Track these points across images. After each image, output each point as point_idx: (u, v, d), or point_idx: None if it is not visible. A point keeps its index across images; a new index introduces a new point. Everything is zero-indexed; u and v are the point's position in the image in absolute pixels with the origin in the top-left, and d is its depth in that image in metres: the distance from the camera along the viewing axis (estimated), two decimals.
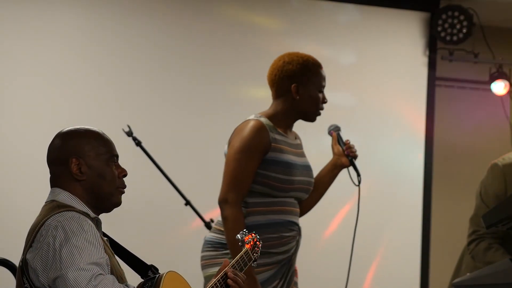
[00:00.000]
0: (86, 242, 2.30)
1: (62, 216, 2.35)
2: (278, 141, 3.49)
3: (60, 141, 2.49)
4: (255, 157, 3.43)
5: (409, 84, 5.90)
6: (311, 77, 3.55)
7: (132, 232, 5.10)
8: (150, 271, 2.53)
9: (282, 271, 3.51)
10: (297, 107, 3.55)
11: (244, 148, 3.43)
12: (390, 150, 5.80)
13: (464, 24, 5.83)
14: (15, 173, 5.08)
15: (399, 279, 5.81)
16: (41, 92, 5.19)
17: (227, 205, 3.39)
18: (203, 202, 4.87)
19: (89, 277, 2.24)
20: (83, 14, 5.30)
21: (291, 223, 3.52)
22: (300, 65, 3.55)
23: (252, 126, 3.47)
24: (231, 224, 3.37)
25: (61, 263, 2.26)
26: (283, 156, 3.48)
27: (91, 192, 2.46)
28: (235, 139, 3.48)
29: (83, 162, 2.45)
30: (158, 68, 5.40)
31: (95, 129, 2.52)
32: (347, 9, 5.79)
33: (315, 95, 3.55)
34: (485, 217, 3.14)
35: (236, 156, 3.42)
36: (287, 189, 3.48)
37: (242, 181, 3.40)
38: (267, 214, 3.47)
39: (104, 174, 2.47)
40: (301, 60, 3.56)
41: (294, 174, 3.49)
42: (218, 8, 5.54)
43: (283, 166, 3.47)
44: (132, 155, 4.46)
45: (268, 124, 3.49)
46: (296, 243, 3.57)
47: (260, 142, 3.44)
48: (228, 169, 3.44)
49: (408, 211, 5.82)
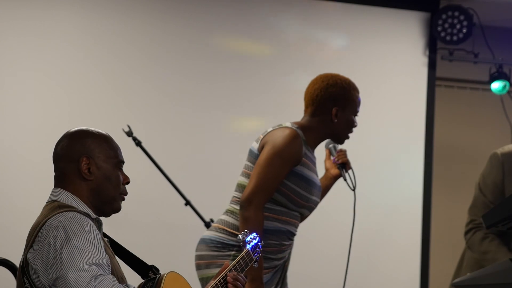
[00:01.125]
0: (86, 243, 2.30)
1: (63, 216, 2.35)
2: (307, 156, 3.55)
3: (72, 140, 2.50)
4: (287, 165, 3.47)
5: (409, 84, 5.90)
6: (351, 102, 3.64)
7: (132, 232, 5.10)
8: (151, 271, 2.54)
9: (278, 275, 3.57)
10: (332, 129, 3.62)
11: (280, 154, 3.46)
12: (390, 150, 5.80)
13: (464, 24, 5.82)
14: (15, 173, 5.08)
15: (399, 279, 5.80)
16: (41, 92, 5.18)
17: (252, 206, 3.41)
18: (203, 202, 4.87)
19: (89, 277, 2.25)
20: (83, 14, 5.30)
21: (292, 233, 3.58)
22: (344, 90, 3.63)
23: (290, 134, 3.51)
24: (253, 225, 3.37)
25: (61, 263, 2.27)
26: (308, 172, 3.54)
27: (95, 194, 2.47)
28: (271, 143, 3.49)
29: (93, 162, 2.47)
30: (158, 68, 5.40)
31: (105, 133, 2.55)
32: (347, 9, 5.79)
33: (351, 120, 3.65)
34: (485, 217, 3.14)
35: (271, 161, 3.45)
36: (302, 204, 3.54)
37: (270, 186, 3.44)
38: (275, 221, 3.51)
39: (111, 177, 2.49)
40: (344, 84, 3.64)
41: (312, 193, 3.55)
42: (218, 7, 5.54)
43: (305, 182, 3.52)
44: (132, 155, 4.46)
45: (302, 138, 3.54)
46: (290, 250, 3.63)
47: (295, 152, 3.49)
48: (260, 171, 3.45)
49: (408, 211, 5.82)
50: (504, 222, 3.10)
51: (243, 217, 3.41)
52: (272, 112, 5.48)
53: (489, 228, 3.27)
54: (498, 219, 3.08)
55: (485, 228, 3.27)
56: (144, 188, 5.10)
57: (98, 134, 2.53)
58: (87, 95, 5.25)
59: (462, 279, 3.01)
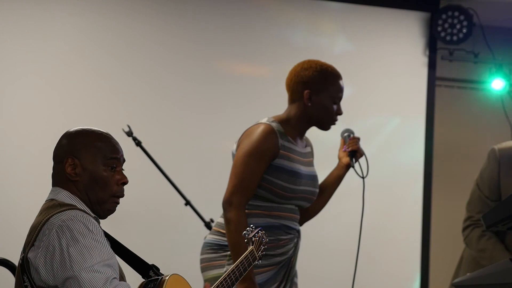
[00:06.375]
0: (94, 242, 2.28)
1: (65, 215, 2.33)
2: (287, 148, 3.48)
3: (63, 140, 2.48)
4: (263, 161, 3.41)
5: (409, 84, 5.90)
6: (326, 85, 3.51)
7: (132, 232, 5.10)
8: (152, 271, 2.50)
9: (282, 272, 3.51)
10: (309, 114, 3.52)
11: (253, 151, 3.41)
12: (390, 150, 5.80)
13: (464, 24, 5.82)
14: (16, 173, 5.08)
15: (399, 279, 5.81)
16: (41, 92, 5.19)
17: (231, 207, 3.38)
18: (203, 202, 4.87)
19: (104, 280, 2.23)
20: (83, 14, 5.30)
21: (288, 227, 3.52)
22: (317, 72, 3.52)
23: (262, 130, 3.45)
24: (233, 226, 3.36)
25: (71, 263, 2.24)
26: (290, 164, 3.47)
27: (85, 194, 2.44)
28: (244, 142, 3.46)
29: (78, 163, 2.42)
30: (158, 68, 5.40)
31: (100, 131, 2.48)
32: (347, 9, 5.79)
33: (328, 105, 3.51)
34: (485, 217, 3.15)
35: (245, 159, 3.41)
36: (289, 197, 3.48)
37: (248, 184, 3.40)
38: (266, 217, 3.47)
39: (97, 179, 2.43)
40: (318, 67, 3.53)
41: (298, 184, 3.48)
42: (218, 7, 5.54)
43: (288, 174, 3.46)
44: (132, 155, 4.45)
45: (279, 130, 3.48)
46: (295, 246, 3.56)
47: (269, 147, 3.43)
48: (235, 171, 3.43)
49: (408, 211, 5.82)
50: (504, 222, 3.10)
51: (225, 219, 3.40)
52: (273, 112, 5.43)
53: (489, 228, 3.27)
54: (498, 219, 3.08)
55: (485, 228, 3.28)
56: (144, 188, 5.10)
57: (89, 133, 2.46)
58: (87, 95, 5.25)
59: (461, 279, 3.00)
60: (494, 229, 3.42)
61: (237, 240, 3.31)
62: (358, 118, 5.69)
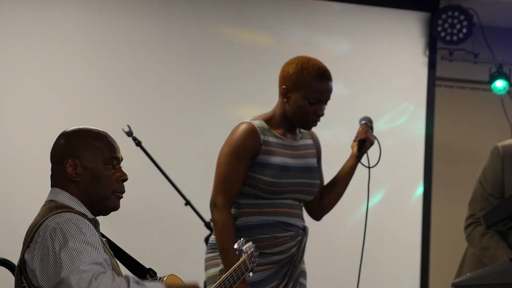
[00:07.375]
0: (84, 244, 2.27)
1: (60, 218, 2.33)
2: (271, 143, 3.42)
3: (61, 140, 2.47)
4: (243, 160, 3.37)
5: (409, 84, 5.90)
6: (303, 85, 3.38)
7: (132, 232, 5.10)
8: (148, 274, 2.51)
9: (283, 271, 3.45)
10: (286, 110, 3.45)
11: (232, 151, 3.38)
12: (390, 150, 5.80)
13: (464, 24, 5.82)
14: (16, 173, 5.08)
15: (399, 279, 5.81)
16: (41, 93, 5.19)
17: (216, 209, 3.38)
18: (203, 202, 4.85)
19: (90, 277, 2.22)
20: (83, 15, 5.30)
21: (286, 224, 3.45)
22: (296, 69, 3.40)
23: (241, 129, 3.42)
24: (219, 227, 3.36)
25: (61, 267, 2.24)
26: (273, 158, 3.40)
27: (86, 194, 2.44)
28: (225, 142, 3.44)
29: (78, 163, 2.42)
30: (158, 68, 5.40)
31: (97, 130, 2.49)
32: (347, 9, 5.79)
33: (302, 105, 3.40)
34: (485, 217, 3.15)
35: (225, 159, 3.39)
36: (278, 191, 3.41)
37: (230, 184, 3.37)
38: (259, 215, 3.42)
39: (99, 177, 2.43)
40: (300, 65, 3.41)
41: (285, 177, 3.41)
42: (218, 8, 5.54)
43: (272, 169, 3.39)
44: (132, 155, 4.46)
45: (261, 127, 3.43)
46: (298, 244, 3.49)
47: (248, 145, 3.38)
48: (217, 172, 3.41)
49: (408, 211, 5.82)
50: (504, 222, 3.10)
51: (212, 220, 3.40)
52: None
53: (489, 228, 3.27)
54: (498, 219, 3.08)
55: (485, 228, 3.28)
56: (144, 188, 5.11)
57: (87, 132, 2.46)
58: (87, 95, 5.26)
59: (462, 279, 3.00)
60: (494, 229, 3.43)
61: (224, 240, 3.31)
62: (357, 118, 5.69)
